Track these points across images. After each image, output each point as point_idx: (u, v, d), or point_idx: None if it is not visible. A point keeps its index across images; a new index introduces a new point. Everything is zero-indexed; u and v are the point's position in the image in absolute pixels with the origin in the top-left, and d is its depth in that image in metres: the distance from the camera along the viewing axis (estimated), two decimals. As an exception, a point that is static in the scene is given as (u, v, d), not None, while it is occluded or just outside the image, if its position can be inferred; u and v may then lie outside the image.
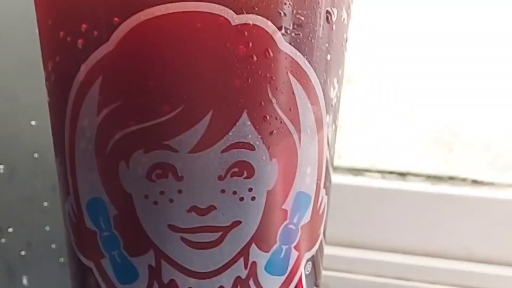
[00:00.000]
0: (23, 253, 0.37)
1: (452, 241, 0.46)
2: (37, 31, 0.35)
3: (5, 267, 0.36)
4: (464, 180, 0.47)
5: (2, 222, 0.36)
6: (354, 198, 0.46)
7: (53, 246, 0.38)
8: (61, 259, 0.39)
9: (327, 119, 0.22)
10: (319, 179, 0.22)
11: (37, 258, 0.38)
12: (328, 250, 0.25)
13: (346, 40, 0.22)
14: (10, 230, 0.36)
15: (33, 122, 0.36)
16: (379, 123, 0.49)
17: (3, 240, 0.36)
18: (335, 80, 0.22)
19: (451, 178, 0.47)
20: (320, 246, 0.24)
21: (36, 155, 0.36)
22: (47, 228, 0.38)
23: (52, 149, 0.36)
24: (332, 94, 0.22)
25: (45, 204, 0.37)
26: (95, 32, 0.19)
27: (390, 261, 0.46)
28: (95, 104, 0.20)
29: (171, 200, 0.20)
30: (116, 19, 0.19)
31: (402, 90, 0.48)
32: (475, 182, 0.47)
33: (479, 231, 0.45)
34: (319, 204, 0.23)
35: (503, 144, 0.47)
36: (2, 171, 0.35)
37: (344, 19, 0.22)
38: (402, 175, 0.48)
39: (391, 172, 0.48)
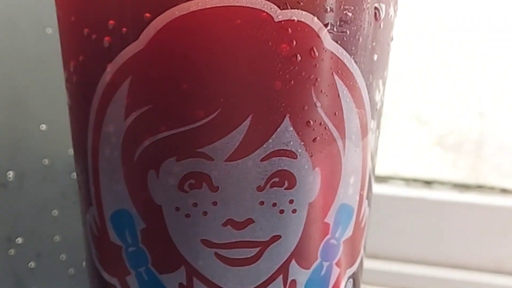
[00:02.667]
0: (32, 264, 0.35)
1: (481, 253, 0.44)
2: (47, 31, 0.34)
3: (14, 280, 0.35)
4: (492, 188, 0.45)
5: (11, 232, 0.34)
6: (376, 207, 0.44)
7: (63, 257, 0.37)
8: (71, 271, 0.37)
9: (371, 124, 0.20)
10: (362, 189, 0.21)
11: (46, 270, 0.36)
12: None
13: (392, 40, 0.21)
14: (19, 240, 0.35)
15: (43, 127, 0.34)
16: (403, 128, 0.47)
17: (11, 252, 0.34)
18: (380, 82, 0.20)
19: (479, 187, 0.45)
20: (361, 262, 0.22)
21: (46, 161, 0.35)
22: (57, 238, 0.36)
23: (63, 155, 0.35)
24: (378, 97, 0.20)
25: (55, 212, 0.36)
26: (124, 29, 0.18)
27: (416, 273, 0.44)
28: (123, 108, 0.18)
29: (205, 213, 0.18)
30: (147, 14, 0.17)
31: (431, 95, 0.47)
32: (504, 191, 0.45)
33: (509, 242, 0.43)
34: (361, 216, 0.21)
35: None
36: (11, 178, 0.34)
37: (391, 16, 0.20)
38: (428, 183, 0.46)
39: (416, 180, 0.46)
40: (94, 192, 0.20)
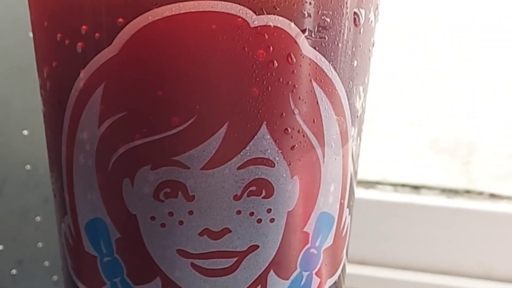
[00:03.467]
0: (13, 272, 0.35)
1: (469, 258, 0.43)
2: (30, 35, 0.33)
3: (-5, 287, 0.34)
4: (481, 193, 0.45)
5: (-7, 238, 0.34)
6: (365, 212, 0.44)
7: (46, 263, 0.36)
8: (55, 277, 0.37)
9: (352, 131, 0.20)
10: (343, 197, 0.20)
11: (29, 277, 0.36)
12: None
13: (373, 45, 0.20)
14: (0, 247, 0.34)
15: (25, 132, 0.34)
16: (391, 133, 0.47)
17: (-8, 259, 0.34)
18: (361, 89, 0.20)
19: (468, 192, 0.45)
20: (343, 271, 0.22)
21: (28, 166, 0.34)
22: (40, 244, 0.36)
23: (46, 160, 0.34)
24: (358, 104, 0.20)
25: (38, 218, 0.35)
26: (97, 35, 0.17)
27: (403, 279, 0.44)
28: (96, 115, 0.18)
29: (181, 222, 0.18)
30: (120, 20, 0.17)
31: (417, 100, 0.47)
32: (493, 196, 0.45)
33: (498, 247, 0.43)
34: (342, 225, 0.21)
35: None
36: (-8, 184, 0.33)
37: (371, 21, 0.20)
38: (416, 188, 0.46)
39: (404, 185, 0.46)
40: (69, 200, 0.20)
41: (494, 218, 0.43)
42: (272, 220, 0.19)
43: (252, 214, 0.18)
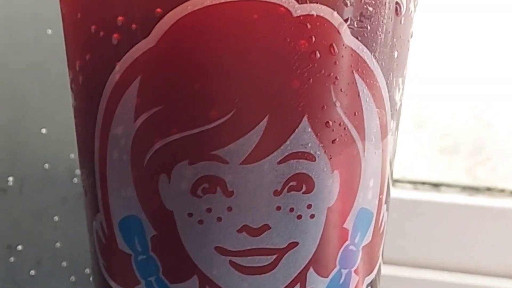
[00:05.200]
0: (32, 272, 0.34)
1: (492, 257, 0.43)
2: (48, 32, 0.33)
3: (14, 288, 0.34)
4: (502, 191, 0.44)
5: (11, 239, 0.34)
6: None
7: (64, 264, 0.36)
8: (73, 278, 0.36)
9: (391, 125, 0.19)
10: (381, 193, 0.20)
11: (47, 277, 0.35)
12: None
13: (412, 36, 0.20)
14: (19, 247, 0.34)
15: (43, 130, 0.34)
16: (411, 130, 0.47)
17: (12, 259, 0.33)
18: (400, 81, 0.20)
19: (489, 189, 0.44)
20: (379, 269, 0.21)
21: (46, 165, 0.34)
22: (58, 244, 0.35)
23: (64, 159, 0.34)
24: (397, 96, 0.19)
25: (56, 218, 0.35)
26: (133, 26, 0.17)
27: (424, 278, 0.43)
28: (132, 109, 0.17)
29: (219, 219, 0.18)
30: (158, 10, 0.16)
31: (437, 98, 0.46)
32: (514, 193, 0.44)
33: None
34: (380, 221, 0.20)
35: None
36: (11, 183, 0.33)
37: (411, 12, 0.19)
38: (436, 186, 0.45)
39: (423, 183, 0.45)
40: (102, 197, 0.19)
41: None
42: (312, 216, 0.18)
43: (292, 210, 0.18)
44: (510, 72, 0.45)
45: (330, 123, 0.17)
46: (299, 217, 0.18)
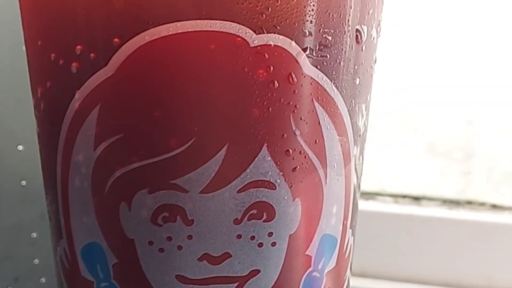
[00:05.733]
0: (10, 289, 0.34)
1: (471, 270, 0.43)
2: (24, 48, 0.33)
3: (-9, 305, 0.34)
4: (483, 204, 0.44)
5: (-12, 256, 0.33)
6: (364, 224, 0.43)
7: (43, 280, 0.35)
8: (52, 295, 0.36)
9: (354, 151, 0.19)
10: (345, 218, 0.20)
11: (25, 294, 0.35)
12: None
13: (375, 62, 0.20)
14: (-4, 264, 0.33)
15: (20, 147, 0.33)
16: (390, 143, 0.47)
17: (-11, 276, 0.33)
18: (363, 107, 0.20)
19: (469, 203, 0.44)
20: (346, 292, 0.21)
21: (23, 182, 0.34)
22: (36, 261, 0.35)
23: (41, 175, 0.34)
24: (360, 122, 0.19)
25: (34, 235, 0.35)
26: (92, 55, 0.17)
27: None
28: (92, 137, 0.17)
29: (180, 247, 0.18)
30: (116, 39, 0.16)
31: (417, 109, 0.46)
32: (494, 206, 0.44)
33: (500, 259, 0.42)
34: (345, 246, 0.20)
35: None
36: (-13, 200, 0.33)
37: (374, 38, 0.19)
38: (416, 199, 0.45)
39: (404, 196, 0.45)
40: (64, 224, 0.19)
41: (496, 229, 0.42)
42: (273, 244, 0.18)
43: (253, 238, 0.18)
44: (493, 80, 0.45)
45: (290, 151, 0.17)
46: (260, 245, 0.18)
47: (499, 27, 0.44)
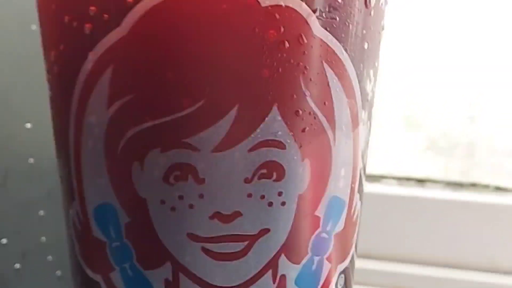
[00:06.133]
0: (17, 266, 0.35)
1: (475, 251, 0.43)
2: (32, 27, 0.33)
3: (-1, 281, 0.34)
4: (486, 186, 0.45)
5: (-4, 232, 0.34)
6: (369, 206, 0.44)
7: (50, 258, 0.36)
8: (58, 272, 0.36)
9: (362, 115, 0.20)
10: (353, 182, 0.20)
11: (32, 271, 0.35)
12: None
13: (383, 28, 0.20)
14: (4, 241, 0.34)
15: (28, 125, 0.34)
16: (395, 127, 0.47)
17: (-4, 252, 0.34)
18: (371, 72, 0.20)
19: (473, 185, 0.45)
20: (352, 258, 0.22)
21: (31, 160, 0.34)
22: (43, 238, 0.35)
23: (49, 153, 0.34)
24: (368, 87, 0.20)
25: (41, 212, 0.35)
26: (105, 15, 0.17)
27: (408, 272, 0.43)
28: (105, 97, 0.18)
29: (191, 206, 0.18)
30: (129, 0, 0.17)
31: (423, 93, 0.46)
32: (498, 188, 0.44)
33: (504, 240, 0.43)
34: (353, 210, 0.20)
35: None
36: (-5, 178, 0.33)
37: (382, 3, 0.20)
38: (421, 181, 0.46)
39: (408, 179, 0.46)
40: (77, 186, 0.19)
41: (500, 211, 0.43)
42: (283, 203, 0.18)
43: (263, 197, 0.18)
44: (497, 70, 0.46)
45: (300, 112, 0.18)
46: (270, 204, 0.18)
47: (500, 25, 0.45)
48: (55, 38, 0.19)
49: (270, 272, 0.19)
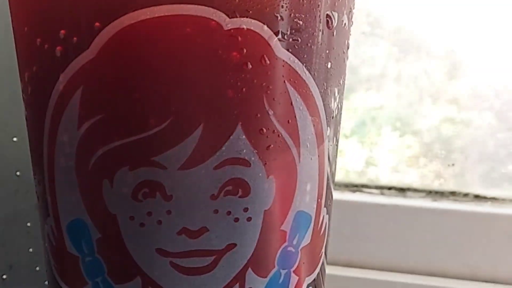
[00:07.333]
0: (4, 276, 0.35)
1: (455, 259, 0.44)
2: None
3: (-14, 292, 0.34)
4: (466, 195, 0.45)
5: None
6: (352, 215, 0.44)
7: (38, 268, 0.36)
8: (46, 283, 0.37)
9: (328, 132, 0.20)
10: (319, 197, 0.21)
11: (20, 282, 0.36)
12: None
13: (348, 47, 0.21)
14: (-9, 252, 0.34)
15: (15, 139, 0.34)
16: (376, 137, 0.48)
17: (-17, 264, 0.34)
18: (336, 90, 0.21)
19: (453, 194, 0.45)
20: (322, 270, 0.22)
21: (18, 173, 0.35)
22: (31, 249, 0.36)
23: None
24: (333, 105, 0.20)
25: (29, 224, 0.35)
26: (75, 39, 0.18)
27: (389, 280, 0.44)
28: (76, 117, 0.18)
29: (160, 222, 0.18)
30: (97, 24, 0.17)
31: (401, 102, 0.47)
32: (477, 197, 0.45)
33: (483, 248, 0.43)
34: (320, 224, 0.21)
35: (506, 159, 0.46)
36: (-18, 190, 0.34)
37: (345, 24, 0.20)
38: (402, 190, 0.46)
39: (390, 188, 0.46)
40: (51, 202, 0.20)
41: (479, 219, 0.43)
42: (249, 219, 0.19)
43: (229, 213, 0.19)
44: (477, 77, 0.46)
45: (264, 130, 0.18)
46: (236, 220, 0.19)
47: (492, 27, 0.45)
48: (28, 59, 0.19)
49: (237, 285, 0.19)
